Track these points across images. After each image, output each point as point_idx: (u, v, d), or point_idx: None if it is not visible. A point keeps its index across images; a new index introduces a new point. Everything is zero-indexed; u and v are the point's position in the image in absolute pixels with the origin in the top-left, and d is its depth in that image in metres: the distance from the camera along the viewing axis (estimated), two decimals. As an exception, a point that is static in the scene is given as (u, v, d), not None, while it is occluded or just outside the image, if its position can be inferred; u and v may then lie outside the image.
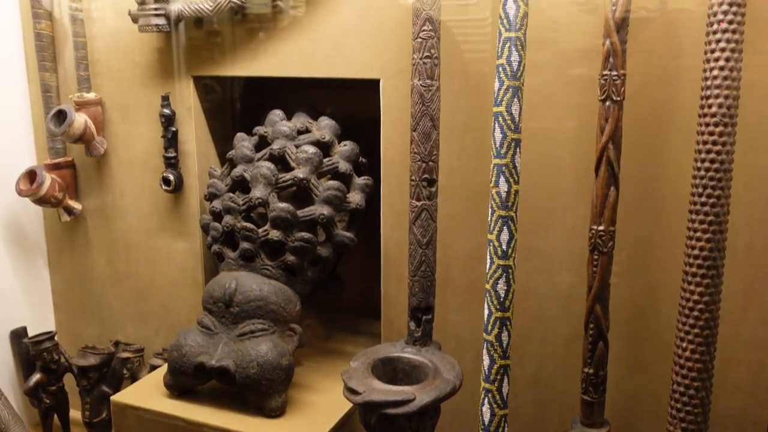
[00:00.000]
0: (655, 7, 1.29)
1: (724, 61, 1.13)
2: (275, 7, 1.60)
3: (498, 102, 1.25)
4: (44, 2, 1.82)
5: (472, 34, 1.43)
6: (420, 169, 1.39)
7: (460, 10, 1.44)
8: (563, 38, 1.37)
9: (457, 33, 1.44)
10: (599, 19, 1.28)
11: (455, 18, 1.44)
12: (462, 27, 1.43)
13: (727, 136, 1.14)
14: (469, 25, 1.44)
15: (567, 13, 1.35)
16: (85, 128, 1.79)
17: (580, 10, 1.35)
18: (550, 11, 1.36)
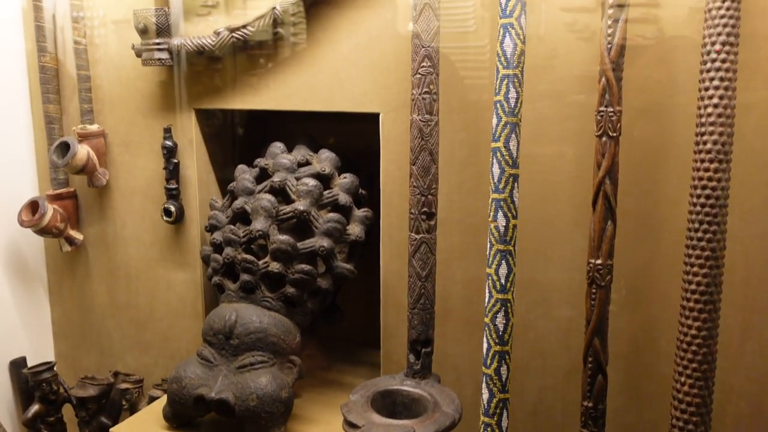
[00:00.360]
0: (651, 35, 1.31)
1: (718, 99, 1.15)
2: (276, 41, 1.62)
3: (496, 138, 1.26)
4: (49, 36, 1.85)
5: (471, 69, 1.45)
6: (419, 203, 1.40)
7: (459, 45, 1.46)
8: (561, 65, 1.39)
9: (457, 68, 1.46)
10: (596, 46, 1.30)
11: (455, 53, 1.46)
12: (461, 63, 1.46)
13: (722, 172, 1.16)
14: (468, 60, 1.46)
15: (564, 41, 1.38)
16: (88, 160, 1.81)
17: (577, 38, 1.37)
18: (548, 39, 1.39)
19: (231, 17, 1.67)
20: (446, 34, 1.42)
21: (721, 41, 1.15)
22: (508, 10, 1.24)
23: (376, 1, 1.51)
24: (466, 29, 1.44)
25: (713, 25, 1.15)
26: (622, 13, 1.22)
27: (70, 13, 1.81)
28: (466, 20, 1.44)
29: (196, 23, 1.71)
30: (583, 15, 1.35)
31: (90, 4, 1.82)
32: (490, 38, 1.41)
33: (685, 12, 1.28)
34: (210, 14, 1.69)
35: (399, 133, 1.53)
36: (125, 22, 1.78)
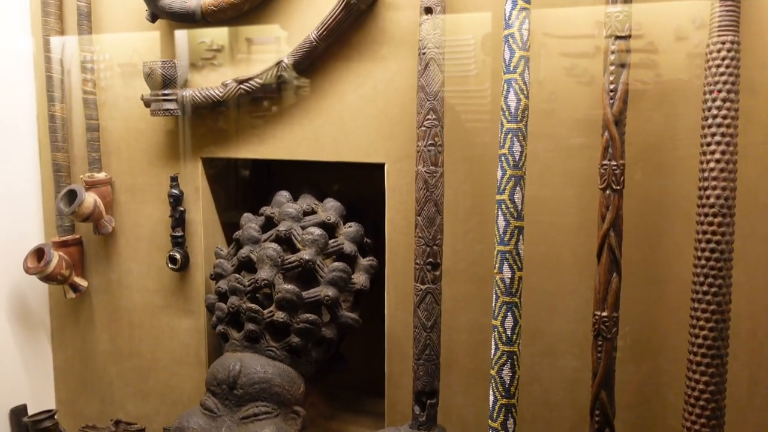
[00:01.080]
0: (650, 79, 1.33)
1: (720, 154, 1.16)
2: (283, 92, 1.65)
3: (501, 190, 1.28)
4: (58, 86, 1.88)
5: (476, 121, 1.47)
6: (424, 253, 1.41)
7: (463, 98, 1.48)
8: (561, 109, 1.40)
9: (461, 120, 1.48)
10: (596, 90, 1.33)
11: (459, 105, 1.48)
12: (465, 115, 1.48)
13: (726, 226, 1.17)
14: (473, 111, 1.48)
15: (564, 85, 1.40)
16: (94, 208, 1.82)
17: (577, 81, 1.39)
18: (548, 83, 1.41)
19: (236, 65, 1.70)
20: (451, 87, 1.45)
21: (721, 97, 1.17)
22: (512, 65, 1.26)
23: (381, 54, 1.54)
24: (470, 83, 1.47)
25: (713, 83, 1.18)
26: (623, 69, 1.24)
27: (79, 64, 1.84)
28: (469, 73, 1.47)
29: (203, 74, 1.74)
30: (583, 60, 1.38)
31: (99, 56, 1.86)
32: (493, 92, 1.43)
33: (684, 58, 1.30)
34: (215, 58, 1.71)
35: (404, 183, 1.54)
36: (134, 72, 1.81)
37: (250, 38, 1.68)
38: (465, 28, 1.46)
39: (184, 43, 1.75)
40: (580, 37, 1.38)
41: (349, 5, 1.49)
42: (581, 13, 1.37)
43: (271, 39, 1.67)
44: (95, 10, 1.84)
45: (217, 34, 1.71)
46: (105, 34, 1.86)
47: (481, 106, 1.47)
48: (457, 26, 1.46)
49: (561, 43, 1.40)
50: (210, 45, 1.72)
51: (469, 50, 1.46)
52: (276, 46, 1.66)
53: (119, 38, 1.85)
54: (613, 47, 1.24)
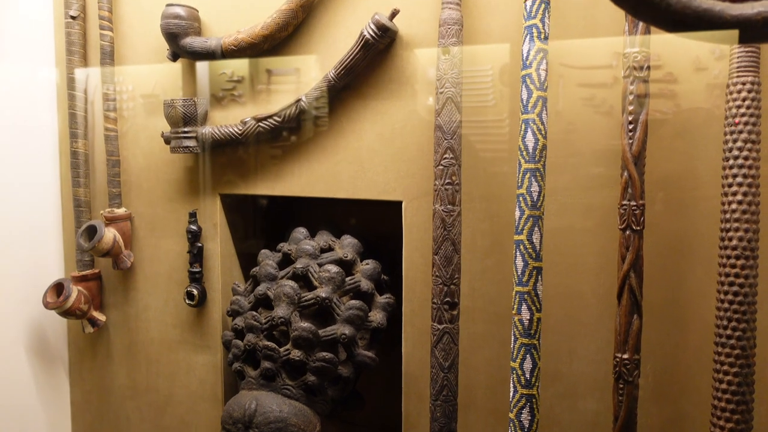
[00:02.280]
0: (669, 110, 1.32)
1: (742, 196, 1.15)
2: (301, 130, 1.66)
3: (519, 230, 1.27)
4: (81, 123, 1.91)
5: (493, 161, 1.47)
6: (442, 292, 1.40)
7: (481, 136, 1.48)
8: (580, 139, 1.40)
9: (479, 158, 1.47)
10: (615, 120, 1.32)
11: (478, 142, 1.48)
12: (483, 153, 1.47)
13: (749, 269, 1.15)
14: (490, 150, 1.48)
15: (583, 115, 1.39)
16: (114, 243, 1.83)
17: (595, 111, 1.38)
18: (566, 113, 1.40)
19: (255, 96, 1.71)
20: (468, 125, 1.45)
21: (742, 138, 1.16)
22: (529, 105, 1.26)
23: (398, 93, 1.54)
24: (488, 121, 1.47)
25: (733, 123, 1.17)
26: (642, 109, 1.23)
27: (102, 102, 1.87)
28: (486, 113, 1.47)
29: (223, 110, 1.75)
30: (601, 90, 1.37)
31: (122, 90, 1.89)
32: (511, 130, 1.43)
33: (703, 88, 1.29)
34: (235, 89, 1.73)
35: (421, 221, 1.54)
36: (155, 104, 1.84)
37: (270, 69, 1.70)
38: (482, 60, 1.46)
39: (205, 76, 1.77)
40: (599, 68, 1.38)
41: (367, 45, 1.50)
42: (599, 44, 1.37)
43: (291, 70, 1.68)
44: (118, 48, 1.87)
45: (237, 65, 1.73)
46: (127, 66, 1.89)
47: (499, 144, 1.46)
48: (474, 60, 1.46)
49: (579, 74, 1.39)
50: (230, 76, 1.74)
51: (487, 87, 1.46)
52: (295, 77, 1.68)
53: (141, 71, 1.88)
54: (631, 87, 1.24)
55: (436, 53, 1.43)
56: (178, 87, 1.82)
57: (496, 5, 1.44)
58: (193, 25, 1.70)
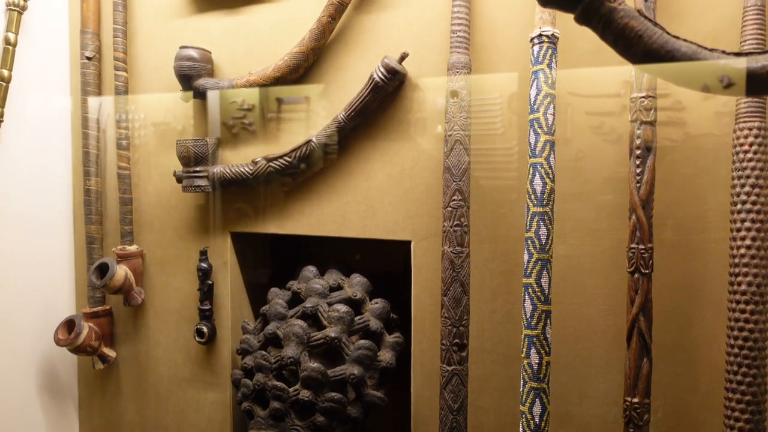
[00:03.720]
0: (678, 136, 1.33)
1: (751, 240, 1.15)
2: (311, 170, 1.67)
3: (527, 274, 1.27)
4: (94, 161, 1.93)
5: (502, 202, 1.48)
6: (450, 334, 1.40)
7: (490, 178, 1.49)
8: (589, 167, 1.40)
9: (488, 200, 1.48)
10: (623, 148, 1.32)
11: (486, 184, 1.49)
12: (492, 195, 1.48)
13: (759, 314, 1.14)
14: (499, 191, 1.49)
15: (591, 143, 1.40)
16: (125, 280, 1.85)
17: (604, 140, 1.39)
18: (575, 141, 1.41)
19: (266, 127, 1.74)
20: (477, 166, 1.46)
21: (750, 183, 1.17)
22: (537, 149, 1.27)
23: (408, 135, 1.56)
24: (496, 163, 1.48)
25: (741, 168, 1.17)
26: (650, 154, 1.24)
27: (115, 141, 1.90)
28: (495, 154, 1.48)
29: (234, 150, 1.78)
30: (610, 118, 1.38)
31: (135, 135, 1.92)
32: (520, 174, 1.44)
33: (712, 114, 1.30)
34: (245, 117, 1.74)
35: (430, 261, 1.55)
36: (166, 149, 1.86)
37: (280, 98, 1.72)
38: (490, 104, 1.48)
39: (217, 116, 1.80)
40: (607, 96, 1.39)
41: (377, 87, 1.52)
42: (607, 72, 1.39)
43: (301, 99, 1.70)
44: (132, 88, 1.90)
45: (247, 94, 1.74)
46: (140, 107, 1.92)
47: (508, 185, 1.47)
48: (482, 103, 1.48)
49: (588, 102, 1.40)
50: (241, 104, 1.75)
51: (496, 129, 1.48)
52: (305, 105, 1.70)
53: (154, 112, 1.91)
54: (638, 131, 1.25)
55: (444, 96, 1.45)
56: (190, 126, 1.84)
57: (503, 50, 1.46)
58: (206, 67, 1.73)
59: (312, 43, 1.61)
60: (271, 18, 1.72)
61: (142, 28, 1.91)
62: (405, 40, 1.56)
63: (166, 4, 1.86)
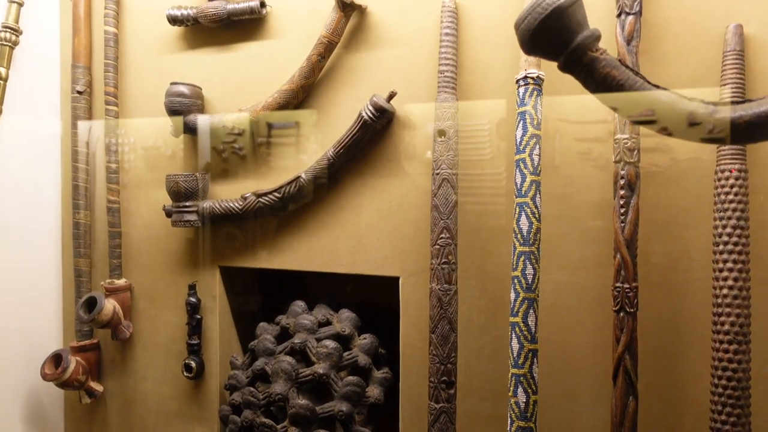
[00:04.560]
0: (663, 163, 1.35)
1: (733, 281, 1.17)
2: (300, 205, 1.69)
3: (514, 313, 1.28)
4: (83, 194, 1.94)
5: (489, 238, 1.49)
6: (439, 371, 1.41)
7: (477, 214, 1.51)
8: (577, 193, 1.42)
9: (475, 238, 1.50)
10: (611, 174, 1.33)
11: (473, 223, 1.50)
12: (479, 232, 1.50)
13: (742, 354, 1.16)
14: (485, 227, 1.50)
15: (580, 169, 1.41)
16: (113, 315, 1.84)
17: (592, 166, 1.41)
18: (564, 168, 1.43)
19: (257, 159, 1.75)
20: (465, 203, 1.48)
21: (732, 224, 1.19)
22: (523, 189, 1.29)
23: (396, 171, 1.58)
24: (484, 202, 1.50)
25: (722, 209, 1.20)
26: (633, 194, 1.26)
27: (105, 174, 1.91)
28: (483, 193, 1.50)
29: (224, 185, 1.79)
30: (597, 144, 1.40)
31: (124, 168, 1.92)
32: (507, 211, 1.46)
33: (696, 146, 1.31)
34: (235, 141, 1.75)
35: (419, 297, 1.55)
36: (156, 183, 1.87)
37: (270, 123, 1.73)
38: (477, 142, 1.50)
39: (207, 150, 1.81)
40: (594, 123, 1.41)
41: (365, 125, 1.54)
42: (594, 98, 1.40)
43: (291, 124, 1.71)
44: (122, 122, 1.92)
45: (237, 118, 1.75)
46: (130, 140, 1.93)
47: (495, 224, 1.49)
48: (469, 141, 1.50)
49: (576, 128, 1.42)
50: (231, 129, 1.76)
51: (483, 167, 1.50)
52: (295, 130, 1.71)
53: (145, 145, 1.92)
54: (622, 172, 1.27)
55: (432, 134, 1.47)
56: (180, 161, 1.85)
57: (490, 90, 1.48)
58: (196, 103, 1.74)
59: (302, 80, 1.63)
60: (262, 55, 1.74)
61: (133, 63, 1.92)
62: (393, 78, 1.58)
63: (158, 39, 1.88)
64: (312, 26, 1.66)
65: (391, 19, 1.59)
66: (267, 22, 1.73)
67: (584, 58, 0.95)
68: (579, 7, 0.95)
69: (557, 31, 0.95)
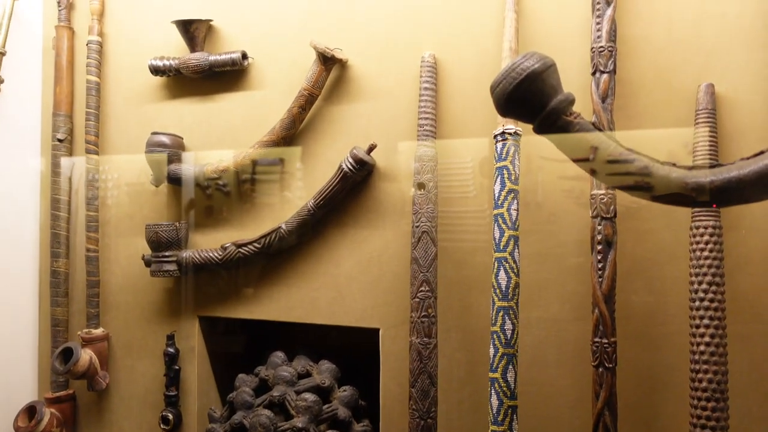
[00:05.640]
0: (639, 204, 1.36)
1: (710, 338, 1.17)
2: (280, 256, 1.68)
3: (493, 368, 1.28)
4: (63, 242, 1.92)
5: (469, 290, 1.49)
6: (419, 426, 1.39)
7: (456, 266, 1.51)
8: (559, 230, 1.42)
9: (454, 292, 1.50)
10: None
11: (452, 277, 1.51)
12: (458, 287, 1.50)
13: (720, 411, 1.16)
14: (464, 280, 1.51)
15: (563, 207, 1.42)
16: (90, 365, 1.81)
17: (575, 203, 1.41)
18: (547, 205, 1.43)
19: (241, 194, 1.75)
20: (444, 256, 1.48)
21: (707, 281, 1.20)
22: (501, 244, 1.30)
23: (376, 223, 1.58)
24: (463, 255, 1.50)
25: (698, 265, 1.21)
26: (610, 249, 1.27)
27: (85, 223, 1.89)
28: (462, 247, 1.50)
29: (204, 234, 1.78)
30: (579, 182, 1.41)
31: (104, 217, 1.91)
32: (486, 267, 1.46)
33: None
34: (220, 178, 1.73)
35: (398, 350, 1.55)
36: (136, 231, 1.86)
37: (255, 159, 1.72)
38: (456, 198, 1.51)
39: (188, 198, 1.81)
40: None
41: (346, 177, 1.55)
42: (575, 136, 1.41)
43: (276, 161, 1.71)
44: (102, 171, 1.91)
45: (217, 169, 1.75)
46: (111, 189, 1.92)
47: (474, 277, 1.49)
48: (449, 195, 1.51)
49: (559, 167, 1.43)
50: (216, 165, 1.76)
51: (462, 221, 1.51)
52: (278, 167, 1.71)
53: (125, 194, 1.91)
54: (599, 227, 1.28)
55: (412, 186, 1.48)
56: (160, 210, 1.85)
57: (469, 143, 1.50)
58: (177, 153, 1.75)
59: (282, 132, 1.64)
60: (243, 105, 1.75)
61: (114, 112, 1.93)
62: (373, 130, 1.59)
63: (140, 89, 1.89)
64: (293, 78, 1.68)
65: (371, 72, 1.61)
66: (249, 73, 1.75)
67: (558, 122, 0.97)
68: (553, 72, 0.96)
69: (532, 95, 0.96)
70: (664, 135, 1.33)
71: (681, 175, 0.92)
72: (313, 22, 1.68)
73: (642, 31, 1.36)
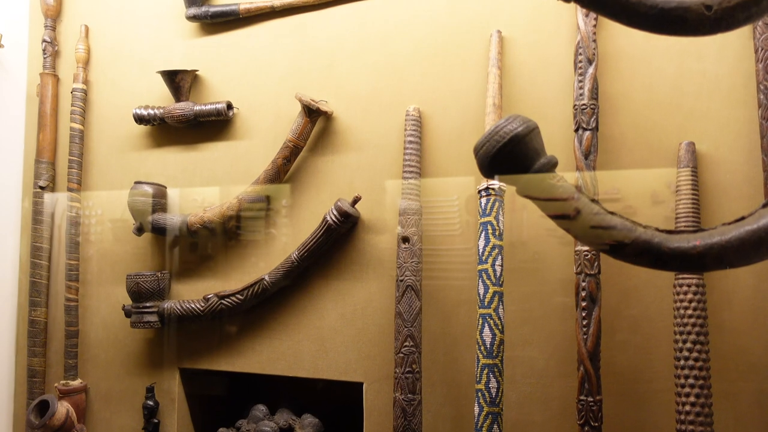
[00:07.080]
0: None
1: (695, 398, 1.17)
2: (263, 308, 1.66)
3: (478, 428, 1.26)
4: (42, 291, 1.89)
5: (453, 345, 1.48)
6: (402, 485, 1.37)
7: (441, 320, 1.50)
8: (544, 268, 1.41)
9: (439, 346, 1.49)
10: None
11: (437, 331, 1.49)
12: (443, 340, 1.49)
13: (707, 473, 1.14)
14: (449, 334, 1.49)
15: (547, 246, 1.41)
16: (66, 419, 1.77)
17: (559, 242, 1.41)
18: (531, 243, 1.43)
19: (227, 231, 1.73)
20: (429, 311, 1.47)
21: (692, 339, 1.19)
22: (486, 300, 1.29)
23: (360, 275, 1.57)
24: (447, 309, 1.49)
25: (683, 324, 1.20)
26: (595, 305, 1.27)
27: (65, 273, 1.87)
28: (446, 301, 1.50)
29: (186, 284, 1.76)
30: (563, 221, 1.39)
31: (85, 266, 1.89)
32: (469, 320, 1.45)
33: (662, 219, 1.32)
34: (204, 229, 1.71)
35: (382, 404, 1.52)
36: (116, 280, 1.83)
37: (239, 210, 1.70)
38: (441, 251, 1.50)
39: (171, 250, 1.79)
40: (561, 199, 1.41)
41: (330, 229, 1.54)
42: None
43: (261, 198, 1.69)
44: (84, 219, 1.89)
45: (209, 193, 1.75)
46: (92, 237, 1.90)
47: (459, 332, 1.48)
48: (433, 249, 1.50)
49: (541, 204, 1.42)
50: (201, 203, 1.74)
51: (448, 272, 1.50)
52: (263, 218, 1.69)
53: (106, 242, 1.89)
54: (583, 284, 1.28)
55: (396, 239, 1.47)
56: (143, 258, 1.83)
57: (453, 198, 1.50)
58: (160, 202, 1.73)
59: (267, 182, 1.63)
60: (228, 156, 1.75)
61: (97, 160, 1.91)
62: (358, 182, 1.59)
63: (123, 137, 1.88)
64: (278, 129, 1.68)
65: (356, 124, 1.61)
66: (233, 124, 1.75)
67: (542, 185, 0.97)
68: (536, 135, 0.97)
69: (515, 157, 0.97)
70: (648, 191, 1.34)
71: (662, 240, 0.93)
72: (298, 74, 1.69)
73: (623, 88, 1.38)
